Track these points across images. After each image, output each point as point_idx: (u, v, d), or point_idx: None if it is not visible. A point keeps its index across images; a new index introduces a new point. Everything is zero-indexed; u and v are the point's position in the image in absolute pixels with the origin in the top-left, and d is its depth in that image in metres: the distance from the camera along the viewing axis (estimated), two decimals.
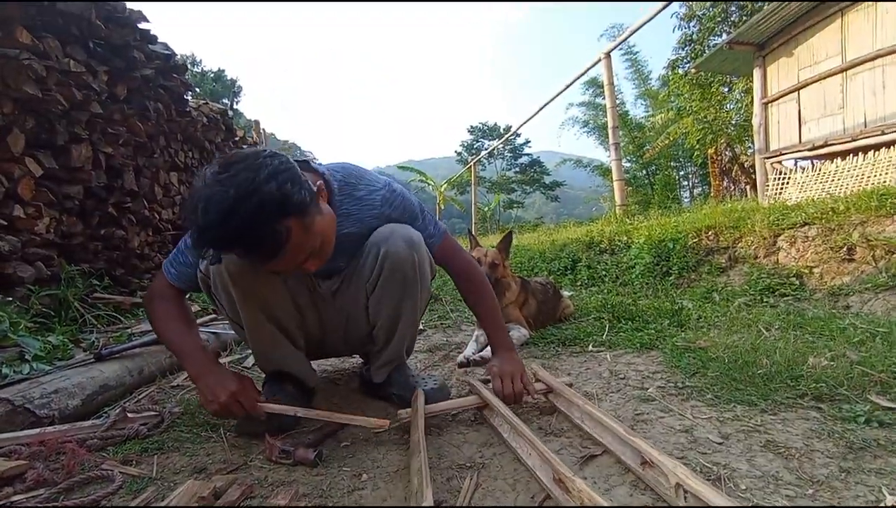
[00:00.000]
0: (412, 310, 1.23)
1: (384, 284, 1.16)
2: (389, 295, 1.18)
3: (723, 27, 9.34)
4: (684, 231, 2.95)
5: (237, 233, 0.81)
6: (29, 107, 2.28)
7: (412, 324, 1.28)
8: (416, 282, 1.17)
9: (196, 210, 0.81)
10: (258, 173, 0.82)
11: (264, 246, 0.85)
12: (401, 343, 1.28)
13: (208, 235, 0.83)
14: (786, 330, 1.67)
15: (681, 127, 10.32)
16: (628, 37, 4.75)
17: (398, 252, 1.12)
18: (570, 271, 3.63)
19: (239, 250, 0.88)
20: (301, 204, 0.87)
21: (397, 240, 1.13)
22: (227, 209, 0.79)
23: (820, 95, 5.31)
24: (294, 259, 0.91)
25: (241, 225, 0.80)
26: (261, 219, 0.81)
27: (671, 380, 1.37)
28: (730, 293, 2.37)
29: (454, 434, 1.12)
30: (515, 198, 24.98)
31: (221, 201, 0.79)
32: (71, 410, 1.27)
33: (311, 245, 0.92)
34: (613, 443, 0.89)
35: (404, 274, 1.14)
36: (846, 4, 4.91)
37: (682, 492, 0.67)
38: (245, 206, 0.79)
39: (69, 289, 2.40)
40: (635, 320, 2.06)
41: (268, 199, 0.81)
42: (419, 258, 1.15)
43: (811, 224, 2.43)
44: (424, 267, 1.18)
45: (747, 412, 1.12)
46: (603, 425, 0.93)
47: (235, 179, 0.81)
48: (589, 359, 1.67)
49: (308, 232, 0.90)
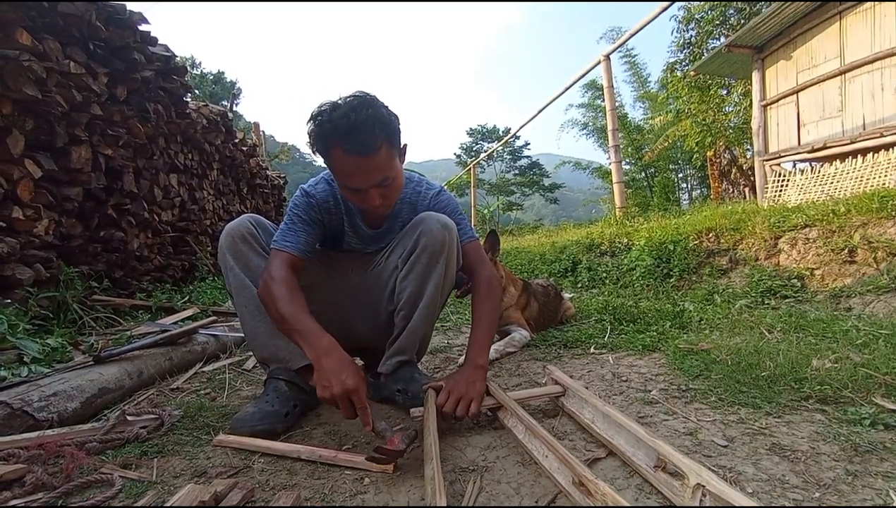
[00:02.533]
0: (434, 292, 1.26)
1: (415, 259, 1.25)
2: (416, 271, 1.26)
3: (721, 30, 9.37)
4: (685, 233, 2.94)
5: (350, 127, 1.05)
6: (28, 108, 2.27)
7: (430, 312, 1.29)
8: (442, 262, 1.25)
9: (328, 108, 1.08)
10: (376, 101, 1.12)
11: (363, 143, 1.06)
12: (416, 331, 1.29)
13: (332, 124, 1.07)
14: (788, 332, 1.67)
15: (679, 129, 10.35)
16: (627, 39, 4.76)
17: (432, 230, 1.24)
18: (570, 273, 3.63)
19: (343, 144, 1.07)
20: (395, 134, 1.13)
21: (433, 221, 1.25)
22: (351, 109, 1.07)
23: (819, 98, 5.33)
24: (371, 174, 1.11)
25: (356, 120, 1.05)
26: (369, 124, 1.06)
27: (674, 383, 1.36)
28: (731, 295, 2.36)
29: (457, 437, 1.11)
30: (515, 200, 24.98)
31: (347, 105, 1.08)
32: (70, 413, 1.26)
33: (385, 173, 1.12)
34: (625, 445, 0.88)
35: (433, 251, 1.24)
36: (844, 7, 4.94)
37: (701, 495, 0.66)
38: (363, 111, 1.07)
39: (68, 291, 2.39)
40: (637, 322, 2.05)
41: (379, 114, 1.09)
42: (449, 239, 1.25)
43: (812, 226, 2.43)
44: (453, 250, 1.27)
45: (752, 414, 1.12)
46: (619, 425, 0.91)
47: (362, 97, 1.11)
48: (591, 362, 1.66)
49: (390, 159, 1.12)
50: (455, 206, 1.40)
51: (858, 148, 4.76)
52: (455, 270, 1.32)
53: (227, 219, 4.55)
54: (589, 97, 13.71)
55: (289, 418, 1.18)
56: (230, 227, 1.27)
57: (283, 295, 1.12)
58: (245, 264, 1.25)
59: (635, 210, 6.46)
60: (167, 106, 3.45)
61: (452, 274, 1.31)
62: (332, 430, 1.18)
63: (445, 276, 1.27)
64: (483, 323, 1.25)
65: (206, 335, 2.02)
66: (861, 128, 4.84)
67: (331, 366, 1.01)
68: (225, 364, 1.85)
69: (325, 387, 1.00)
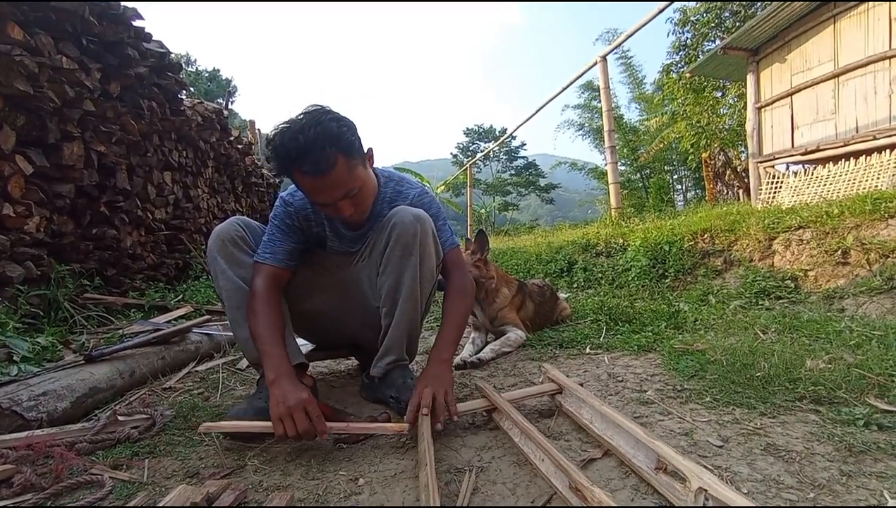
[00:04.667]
0: (411, 285, 1.25)
1: (389, 253, 1.25)
2: (392, 264, 1.25)
3: (716, 32, 9.42)
4: (680, 234, 2.95)
5: (300, 150, 1.06)
6: (20, 103, 2.24)
7: (412, 306, 1.27)
8: (416, 253, 1.24)
9: (277, 133, 1.10)
10: (326, 114, 1.11)
11: (317, 164, 1.06)
12: (401, 328, 1.28)
13: (285, 148, 1.07)
14: (782, 332, 1.67)
15: (675, 131, 10.40)
16: (624, 40, 4.77)
17: (403, 221, 1.23)
18: (566, 273, 3.63)
19: (299, 166, 1.08)
20: (350, 145, 1.11)
21: (405, 213, 1.25)
22: (297, 130, 1.07)
23: (812, 101, 5.37)
24: (335, 190, 1.11)
25: (304, 144, 1.06)
26: (319, 143, 1.06)
27: (669, 383, 1.36)
28: (726, 295, 2.37)
29: (452, 438, 1.10)
30: (511, 200, 24.99)
31: (295, 125, 1.08)
32: (60, 413, 1.25)
33: (350, 184, 1.13)
34: (624, 446, 0.87)
35: (406, 242, 1.23)
36: (839, 11, 4.97)
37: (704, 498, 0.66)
38: (311, 130, 1.06)
39: (59, 290, 2.36)
40: (632, 322, 2.05)
41: (328, 130, 1.07)
42: (422, 230, 1.24)
43: (806, 227, 2.44)
44: (427, 240, 1.25)
45: (746, 415, 1.12)
46: (618, 426, 0.91)
47: (309, 114, 1.11)
48: (587, 362, 1.66)
49: (351, 171, 1.12)
50: (437, 208, 1.38)
51: (851, 150, 4.80)
52: (435, 262, 1.29)
53: (222, 218, 4.52)
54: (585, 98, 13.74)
55: None
56: (219, 230, 1.27)
57: (258, 312, 1.17)
58: (237, 266, 1.25)
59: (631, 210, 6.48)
60: (161, 103, 3.42)
61: (431, 265, 1.28)
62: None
63: (422, 268, 1.25)
64: (451, 323, 1.26)
65: (199, 334, 2.00)
66: (854, 131, 4.88)
67: (284, 389, 1.04)
68: (219, 363, 1.84)
69: (277, 404, 1.02)
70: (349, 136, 1.11)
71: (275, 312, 1.19)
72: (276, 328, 1.16)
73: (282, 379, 1.07)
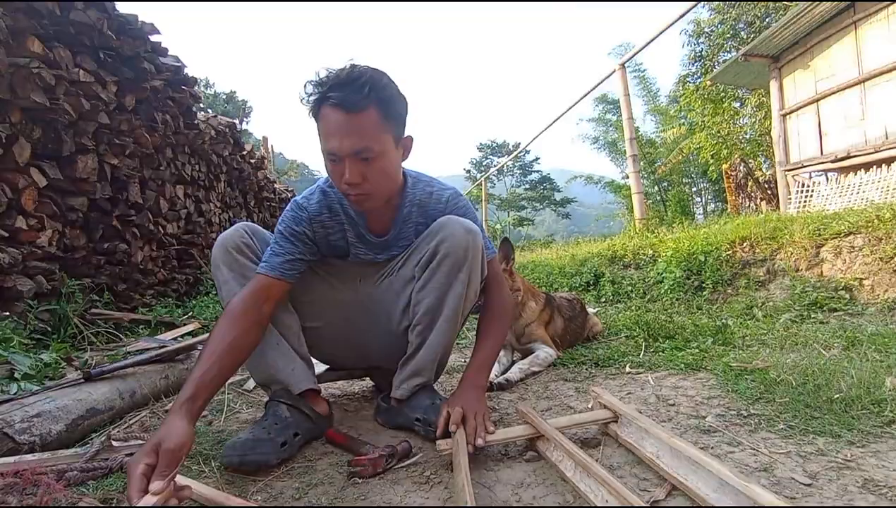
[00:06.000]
0: (455, 305, 1.12)
1: (434, 268, 1.12)
2: (436, 279, 1.12)
3: (732, 43, 9.30)
4: (716, 243, 2.77)
5: (339, 78, 0.97)
6: (36, 116, 2.22)
7: (451, 327, 1.15)
8: (465, 271, 1.11)
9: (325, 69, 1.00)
10: (385, 74, 1.02)
11: (347, 98, 0.96)
12: (434, 349, 1.15)
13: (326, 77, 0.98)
14: (848, 348, 1.49)
15: (694, 142, 10.20)
16: (643, 48, 4.69)
17: (455, 234, 1.10)
18: (592, 286, 3.46)
19: (329, 93, 0.97)
20: (390, 103, 1.00)
21: (456, 224, 1.11)
22: (350, 66, 0.99)
23: (839, 106, 5.18)
24: (353, 137, 0.97)
25: (346, 75, 0.97)
26: (361, 81, 0.97)
27: (731, 407, 1.19)
28: (772, 308, 2.18)
29: (483, 472, 0.95)
30: (525, 215, 24.78)
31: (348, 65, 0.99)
32: (54, 436, 1.14)
33: (369, 143, 0.98)
34: (702, 488, 0.71)
35: (456, 258, 1.10)
36: (859, 17, 4.81)
37: None
38: (360, 69, 0.98)
39: (69, 305, 2.29)
40: (674, 338, 1.88)
41: (377, 77, 0.99)
42: (474, 244, 1.11)
43: (856, 233, 2.26)
44: (477, 257, 1.12)
45: (831, 444, 0.95)
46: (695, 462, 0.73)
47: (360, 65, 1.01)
48: (628, 382, 1.50)
49: (377, 129, 0.99)
50: (472, 213, 1.23)
51: (883, 157, 4.59)
52: (480, 281, 1.17)
53: None
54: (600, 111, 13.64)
55: (286, 448, 1.03)
56: (224, 238, 1.16)
57: (217, 327, 1.02)
58: (242, 276, 1.13)
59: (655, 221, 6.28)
60: (175, 116, 3.41)
61: (477, 285, 1.16)
62: (339, 461, 1.03)
63: (469, 287, 1.13)
64: (488, 344, 1.15)
65: None
66: (884, 137, 4.67)
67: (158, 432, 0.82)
68: (224, 383, 1.72)
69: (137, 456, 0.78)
70: (395, 98, 1.02)
71: (234, 330, 1.01)
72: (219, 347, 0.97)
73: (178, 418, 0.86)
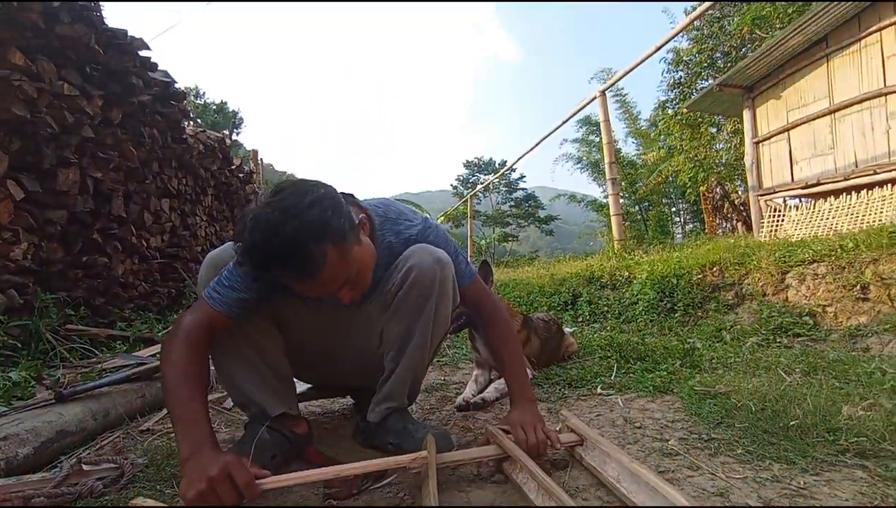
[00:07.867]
0: (424, 332, 1.15)
1: (403, 297, 1.13)
2: (405, 309, 1.14)
3: (709, 72, 9.70)
4: (688, 266, 2.87)
5: (277, 252, 0.86)
6: (16, 128, 2.21)
7: (421, 353, 1.18)
8: (433, 299, 1.13)
9: (245, 229, 0.88)
10: (302, 199, 0.89)
11: (302, 267, 0.89)
12: (405, 375, 1.18)
13: (253, 253, 0.88)
14: (809, 374, 1.56)
15: (672, 165, 10.53)
16: (626, 74, 4.86)
17: (422, 264, 1.11)
18: (570, 306, 3.52)
19: (278, 270, 0.90)
20: (340, 231, 0.91)
21: (424, 255, 1.12)
22: (271, 229, 0.85)
23: (810, 136, 5.43)
24: (329, 284, 0.94)
25: (281, 245, 0.86)
26: (300, 241, 0.86)
27: (693, 431, 1.24)
28: (740, 332, 2.26)
29: (454, 493, 0.98)
30: (510, 231, 25.05)
31: (267, 222, 0.86)
32: (21, 459, 1.13)
33: (346, 272, 0.95)
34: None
35: (423, 288, 1.11)
36: (831, 50, 5.10)
37: None
38: (287, 228, 0.85)
39: (42, 320, 2.24)
40: (645, 360, 1.94)
41: (308, 223, 0.87)
42: (442, 275, 1.12)
43: (819, 261, 2.37)
44: (446, 286, 1.14)
45: (786, 471, 1.00)
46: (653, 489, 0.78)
47: (282, 203, 0.88)
48: (599, 403, 1.54)
49: (344, 259, 0.93)
50: (445, 240, 1.21)
51: (852, 184, 4.80)
52: (451, 309, 1.20)
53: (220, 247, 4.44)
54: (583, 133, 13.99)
55: None
56: (213, 256, 1.14)
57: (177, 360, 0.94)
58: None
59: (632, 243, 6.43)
60: (163, 130, 3.42)
61: (447, 312, 1.19)
62: (315, 482, 1.04)
63: (437, 315, 1.15)
64: (515, 362, 1.21)
65: None
66: (854, 166, 4.91)
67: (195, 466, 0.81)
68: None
69: (185, 490, 0.78)
70: (335, 221, 0.90)
71: (197, 362, 0.97)
72: (194, 383, 0.94)
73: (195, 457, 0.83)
